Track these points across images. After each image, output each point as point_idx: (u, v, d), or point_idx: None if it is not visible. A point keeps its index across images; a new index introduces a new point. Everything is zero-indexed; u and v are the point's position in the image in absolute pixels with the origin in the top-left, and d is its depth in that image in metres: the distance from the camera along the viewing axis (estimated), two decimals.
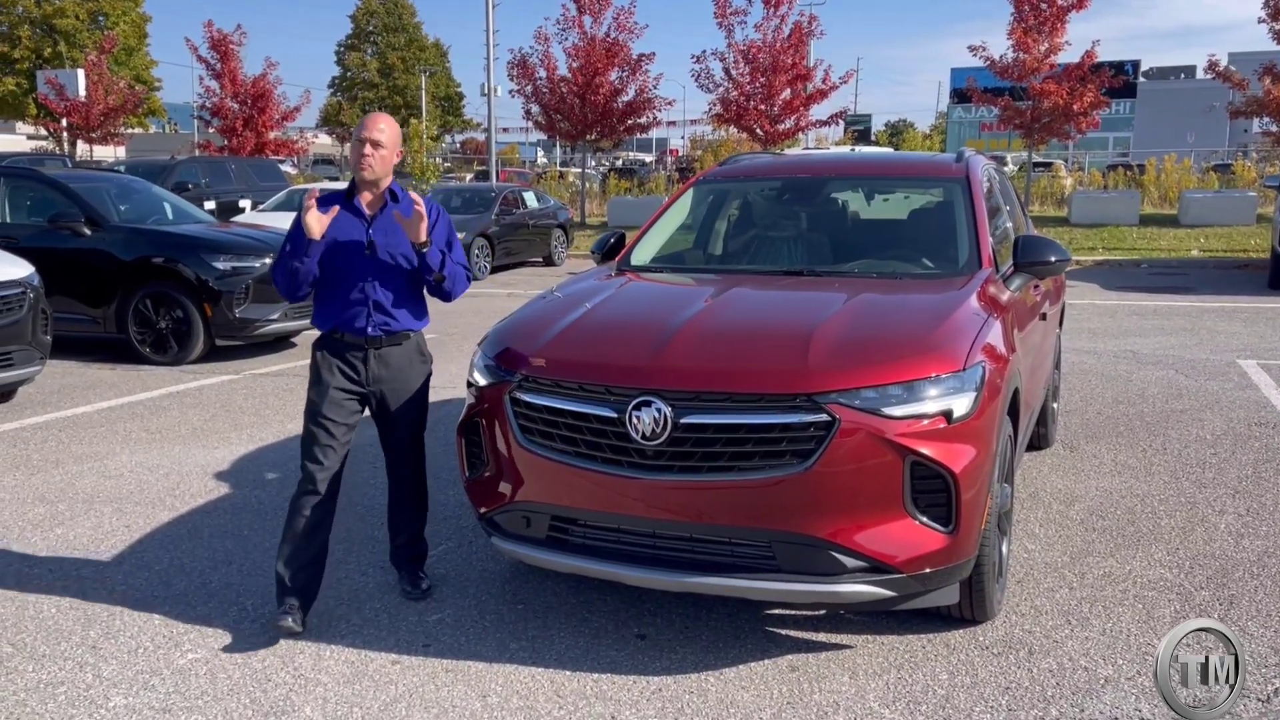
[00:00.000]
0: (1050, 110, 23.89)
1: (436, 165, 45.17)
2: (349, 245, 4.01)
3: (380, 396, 4.12)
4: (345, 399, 4.06)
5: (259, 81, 29.10)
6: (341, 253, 4.01)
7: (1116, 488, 5.77)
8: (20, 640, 3.92)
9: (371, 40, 72.41)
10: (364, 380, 4.08)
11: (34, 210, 10.26)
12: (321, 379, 4.07)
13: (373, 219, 4.06)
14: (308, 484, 4.00)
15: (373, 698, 3.49)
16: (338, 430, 4.04)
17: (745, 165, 5.87)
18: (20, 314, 7.52)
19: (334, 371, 4.06)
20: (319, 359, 4.12)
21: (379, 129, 3.99)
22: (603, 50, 25.80)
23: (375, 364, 4.07)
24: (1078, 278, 17.50)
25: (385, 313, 4.05)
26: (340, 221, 4.01)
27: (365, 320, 4.03)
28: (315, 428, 4.03)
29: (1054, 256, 4.66)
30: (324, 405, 4.03)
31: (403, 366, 4.13)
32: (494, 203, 19.07)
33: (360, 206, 4.07)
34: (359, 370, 4.06)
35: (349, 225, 4.03)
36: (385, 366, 4.09)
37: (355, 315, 4.03)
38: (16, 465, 6.30)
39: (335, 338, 4.08)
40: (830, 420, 3.39)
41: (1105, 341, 10.83)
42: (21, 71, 49.67)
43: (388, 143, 4.01)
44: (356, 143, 3.99)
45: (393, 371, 4.10)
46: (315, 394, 4.07)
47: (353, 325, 4.04)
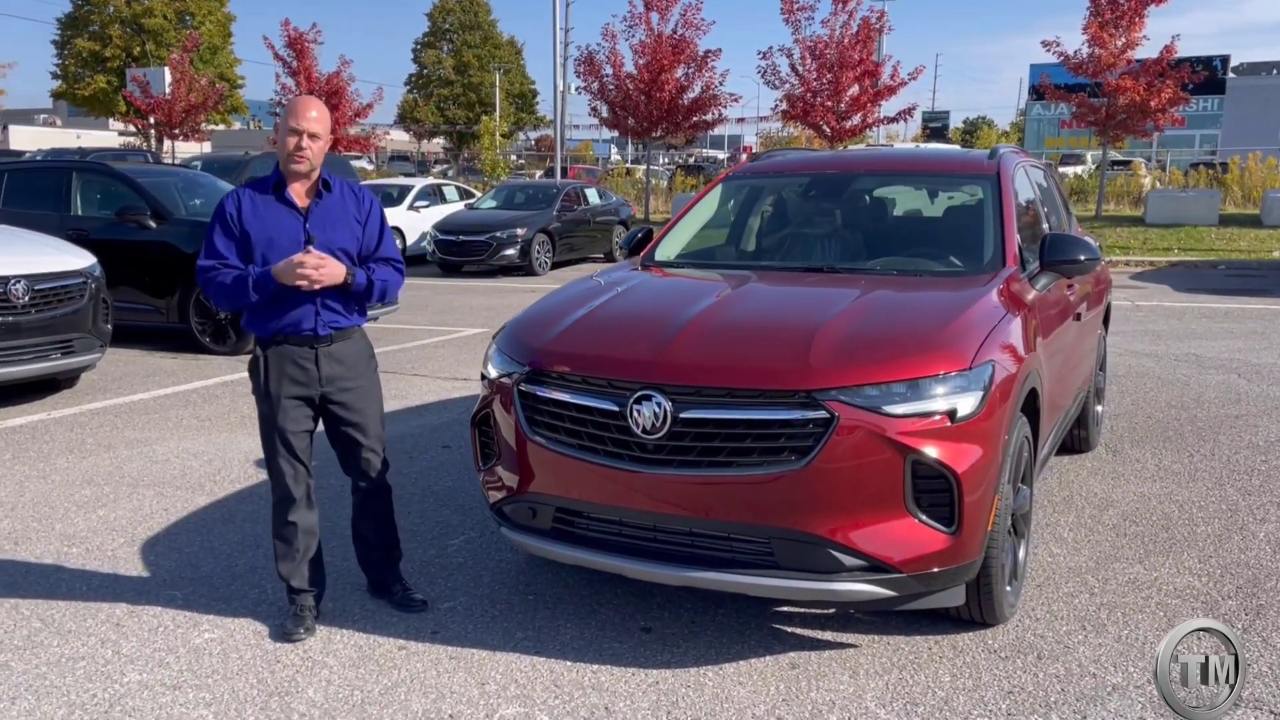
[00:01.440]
0: (1126, 107, 23.28)
1: (507, 162, 45.66)
2: (286, 243, 3.77)
3: (335, 397, 3.92)
4: (296, 406, 3.87)
5: (333, 79, 29.70)
6: (279, 251, 3.75)
7: (1155, 493, 5.63)
8: (50, 616, 4.07)
9: (448, 38, 73.31)
10: (318, 381, 3.87)
11: (104, 204, 10.60)
12: (269, 390, 3.86)
13: (307, 211, 3.84)
14: (281, 490, 3.92)
15: (374, 682, 3.56)
16: (297, 439, 3.89)
17: (775, 161, 5.85)
18: (81, 303, 7.79)
19: (283, 379, 3.85)
20: (263, 367, 3.88)
21: (312, 118, 3.77)
22: (669, 47, 25.81)
23: (326, 363, 3.87)
24: (1148, 279, 17.08)
25: (333, 310, 3.85)
26: (272, 217, 3.81)
27: (314, 320, 3.82)
28: (278, 440, 3.88)
29: (1083, 255, 4.56)
30: (279, 415, 3.86)
31: (356, 362, 3.96)
32: (555, 199, 19.23)
33: (292, 199, 3.83)
34: (309, 372, 3.86)
35: (283, 220, 3.80)
36: (338, 364, 3.90)
37: (302, 317, 3.81)
38: (71, 449, 6.53)
39: (280, 341, 3.85)
40: (829, 417, 3.37)
41: (1168, 344, 10.55)
42: (112, 70, 51.36)
43: (323, 132, 3.81)
44: (290, 133, 3.75)
45: (346, 368, 3.92)
46: (266, 406, 3.89)
47: (300, 328, 3.82)
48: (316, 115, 3.81)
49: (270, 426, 3.90)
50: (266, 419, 3.91)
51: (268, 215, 3.82)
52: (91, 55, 53.57)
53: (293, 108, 3.81)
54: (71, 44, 54.46)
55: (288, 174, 3.85)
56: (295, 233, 3.80)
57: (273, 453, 3.92)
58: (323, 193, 3.89)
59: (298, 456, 3.92)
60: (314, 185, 3.88)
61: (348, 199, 3.95)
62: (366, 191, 4.07)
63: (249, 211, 3.80)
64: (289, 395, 3.86)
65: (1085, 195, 28.89)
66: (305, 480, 3.96)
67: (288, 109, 3.82)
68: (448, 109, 69.74)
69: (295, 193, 3.85)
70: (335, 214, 3.90)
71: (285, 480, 3.92)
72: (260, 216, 3.81)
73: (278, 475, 3.94)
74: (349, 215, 3.93)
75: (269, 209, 3.82)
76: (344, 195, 3.95)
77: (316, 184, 3.89)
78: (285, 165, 3.82)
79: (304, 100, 3.85)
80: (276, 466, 3.93)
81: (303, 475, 3.95)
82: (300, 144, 3.76)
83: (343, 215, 3.92)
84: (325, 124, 3.84)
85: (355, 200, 3.97)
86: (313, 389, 3.89)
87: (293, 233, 3.80)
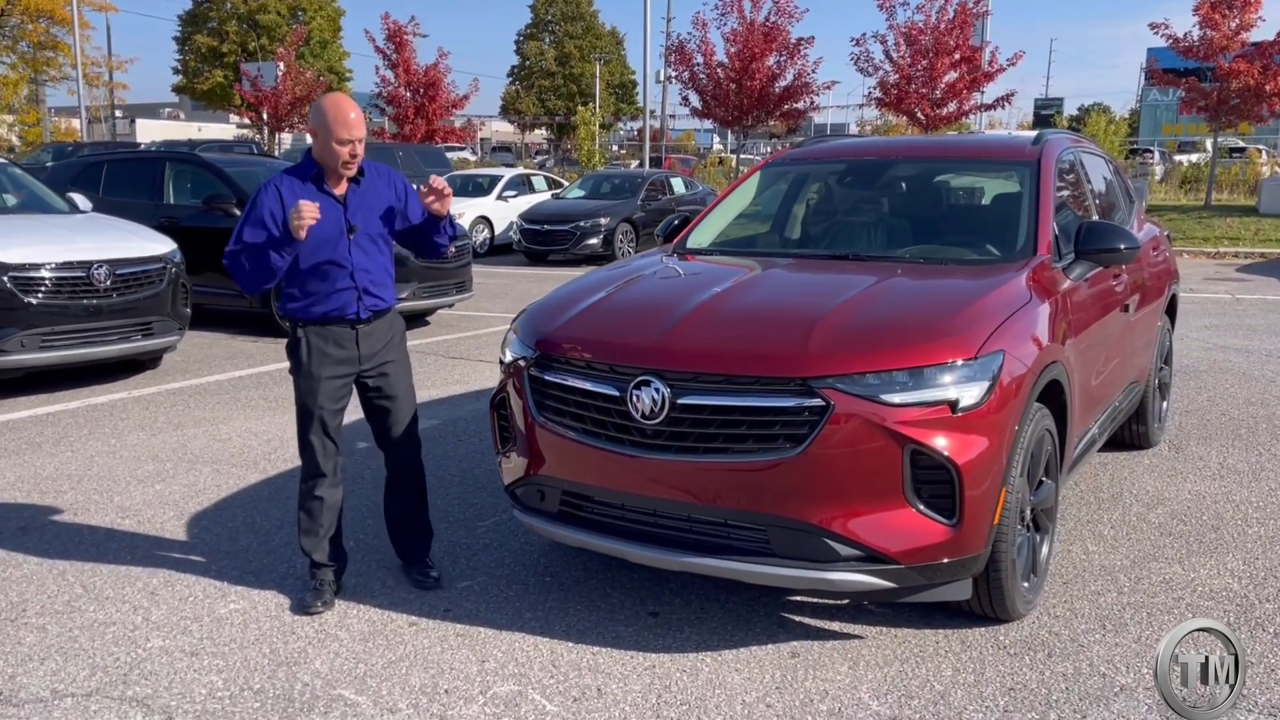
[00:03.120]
0: (1239, 92, 22.26)
1: (605, 151, 45.90)
2: (330, 232, 3.89)
3: (372, 374, 4.07)
4: (335, 385, 4.01)
5: (430, 71, 30.27)
6: (323, 241, 3.88)
7: (1211, 492, 5.42)
8: (92, 583, 4.29)
9: (549, 29, 74.07)
10: (357, 358, 4.01)
11: (194, 192, 11.03)
12: (311, 369, 3.98)
13: (346, 200, 3.95)
14: (311, 469, 4.06)
15: (380, 656, 3.67)
16: (330, 416, 4.03)
17: (815, 148, 5.78)
18: (160, 287, 8.13)
19: (324, 359, 3.97)
20: (305, 348, 3.98)
21: (355, 122, 3.85)
22: (761, 35, 25.62)
23: (365, 341, 4.01)
24: (1256, 272, 16.35)
25: (373, 295, 4.01)
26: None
27: (356, 305, 3.96)
28: (312, 418, 4.01)
29: (1123, 245, 4.40)
30: (317, 394, 3.98)
31: (392, 340, 4.12)
32: (640, 189, 19.32)
33: (330, 189, 3.94)
34: (350, 350, 3.99)
35: (326, 212, 3.85)
36: (376, 342, 4.05)
37: (346, 303, 3.95)
38: (142, 426, 6.84)
39: (321, 325, 3.98)
40: (824, 405, 3.34)
41: (1262, 339, 10.10)
42: (229, 65, 53.31)
43: (365, 135, 3.93)
44: (340, 143, 3.82)
45: (384, 344, 4.07)
46: (305, 384, 4.00)
47: (344, 313, 3.96)
48: (356, 118, 3.88)
49: (307, 404, 4.03)
50: (304, 397, 4.03)
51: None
52: (210, 51, 55.75)
53: (336, 116, 3.81)
54: (192, 40, 56.73)
55: (330, 174, 3.94)
56: (337, 222, 3.92)
57: (306, 429, 4.06)
58: (359, 179, 4.01)
59: (330, 434, 4.06)
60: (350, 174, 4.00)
61: (377, 182, 4.07)
62: (388, 169, 4.19)
63: (289, 201, 3.83)
64: (329, 375, 3.99)
65: (1198, 184, 27.73)
66: (334, 457, 4.10)
67: (329, 117, 3.82)
68: (548, 100, 70.47)
69: (333, 183, 3.97)
70: (371, 199, 4.03)
71: (316, 456, 4.06)
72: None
73: (309, 451, 4.08)
74: (383, 198, 4.06)
75: (309, 198, 3.86)
76: (374, 179, 4.06)
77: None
78: (333, 168, 3.90)
79: (341, 106, 3.87)
80: (308, 443, 4.07)
81: (332, 452, 4.08)
82: (354, 151, 3.86)
83: (378, 199, 4.05)
84: (364, 125, 3.92)
85: (386, 181, 4.10)
86: (352, 367, 4.03)
87: (334, 223, 3.91)
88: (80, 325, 7.62)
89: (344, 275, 3.94)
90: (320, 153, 3.91)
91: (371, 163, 4.12)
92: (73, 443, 6.41)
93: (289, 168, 4.10)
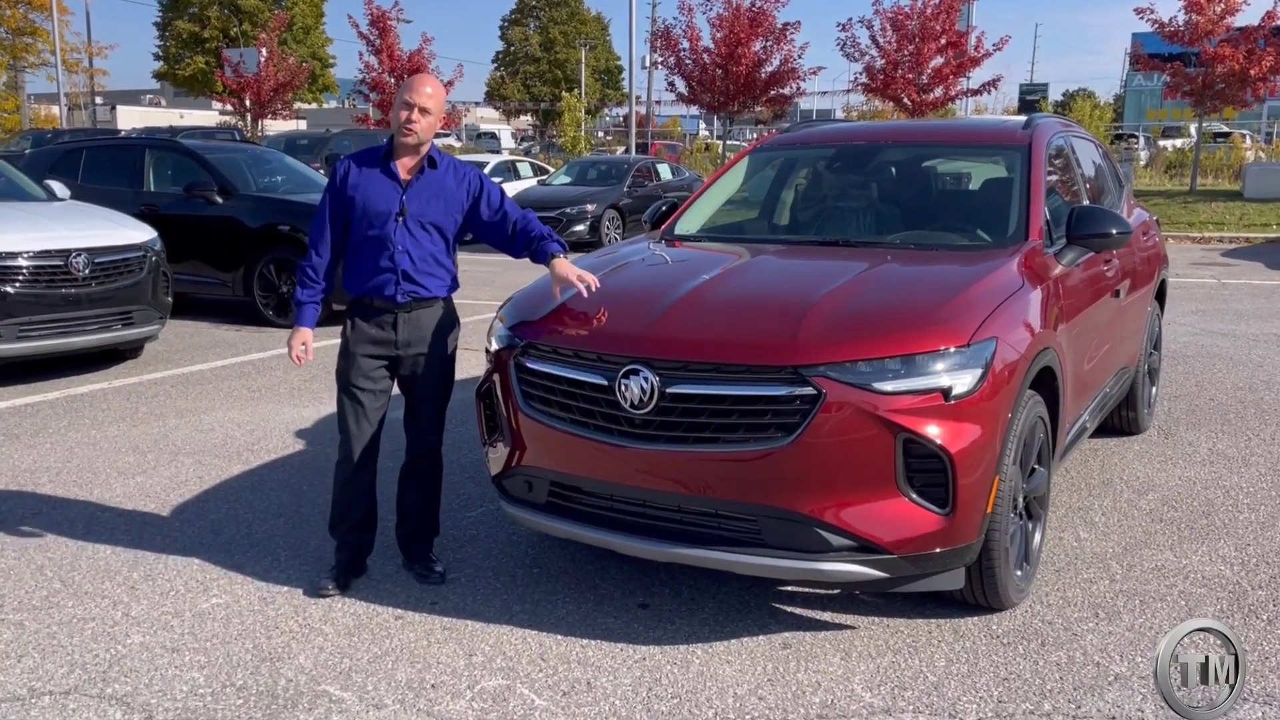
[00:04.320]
0: (1224, 76, 22.28)
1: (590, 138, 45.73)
2: (381, 211, 3.97)
3: (409, 360, 4.09)
4: (374, 367, 4.05)
5: (415, 56, 30.04)
6: (373, 219, 3.98)
7: (1202, 477, 5.40)
8: (71, 578, 4.21)
9: (534, 15, 73.68)
10: (395, 343, 4.03)
11: (174, 179, 10.88)
12: (350, 348, 4.05)
13: (408, 185, 4.01)
14: (345, 451, 4.08)
15: (365, 650, 3.61)
16: (368, 398, 4.05)
17: (804, 133, 5.72)
18: (140, 275, 8.02)
19: (362, 339, 4.03)
20: (348, 327, 4.08)
21: (426, 94, 3.95)
22: (747, 19, 25.49)
23: (405, 327, 4.03)
24: (1241, 256, 16.37)
25: (413, 281, 4.01)
26: (374, 185, 3.99)
27: (394, 288, 4.00)
28: (346, 397, 4.06)
29: (1113, 229, 4.36)
30: (352, 374, 4.03)
31: (434, 330, 4.09)
32: (627, 175, 19.23)
33: (396, 171, 4.01)
34: (389, 333, 4.03)
35: (383, 190, 3.99)
36: (416, 328, 4.05)
37: (384, 283, 4.00)
38: (124, 417, 6.75)
39: (365, 303, 4.05)
40: (816, 393, 3.29)
41: (1249, 324, 10.10)
42: (210, 51, 52.83)
43: (435, 109, 3.99)
44: (403, 105, 3.93)
45: (424, 333, 4.07)
46: (344, 363, 4.08)
47: (383, 292, 4.01)
48: (431, 91, 3.99)
49: (343, 382, 4.08)
50: (341, 375, 4.09)
51: (370, 182, 4.01)
52: (191, 36, 55.21)
53: (409, 83, 4.01)
54: (173, 25, 56.16)
55: (397, 146, 4.03)
56: (390, 202, 3.99)
57: (342, 409, 4.09)
58: (426, 168, 4.05)
59: (365, 416, 4.08)
60: (420, 160, 4.05)
61: (449, 175, 4.11)
62: (468, 167, 4.22)
63: (355, 177, 4.03)
64: (365, 354, 4.04)
65: (1183, 169, 27.79)
66: (368, 444, 4.10)
67: (405, 84, 4.01)
68: (534, 86, 70.15)
69: (401, 165, 4.04)
70: (434, 189, 4.06)
71: (350, 439, 4.08)
72: (363, 183, 4.01)
73: (344, 433, 4.11)
74: (447, 190, 4.09)
75: (371, 177, 4.02)
76: (447, 172, 4.11)
77: (423, 160, 4.05)
78: (396, 137, 4.01)
79: (421, 77, 4.07)
80: (344, 424, 4.10)
81: (367, 434, 4.09)
82: (410, 117, 3.93)
83: (441, 191, 4.08)
84: (439, 101, 4.03)
85: (456, 177, 4.13)
86: (389, 350, 4.05)
87: (387, 202, 3.99)
88: (59, 315, 7.50)
89: (385, 255, 3.98)
90: (393, 122, 4.03)
91: (452, 158, 4.17)
92: (52, 434, 6.32)
93: (367, 148, 4.19)
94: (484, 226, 4.18)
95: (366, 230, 4.00)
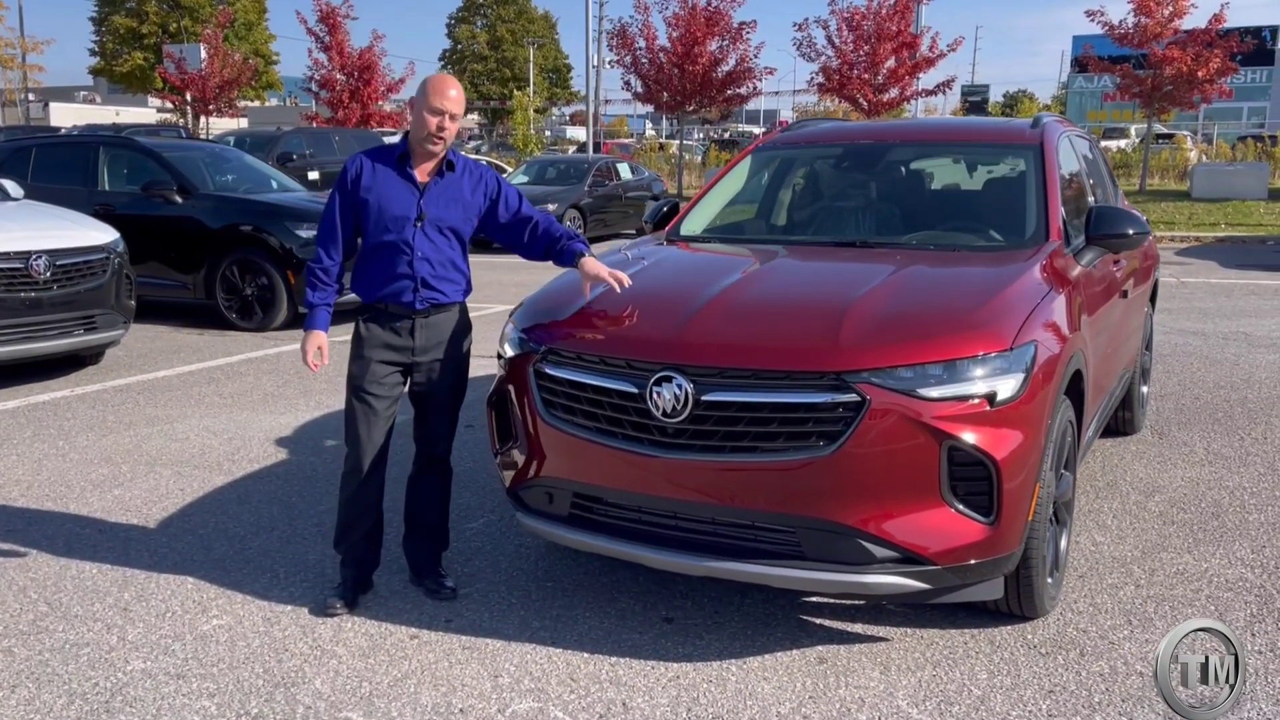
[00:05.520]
0: (1172, 78, 22.69)
1: (539, 137, 45.44)
2: (398, 216, 3.79)
3: (422, 366, 3.91)
4: (388, 372, 3.88)
5: (365, 54, 29.54)
6: (390, 223, 3.80)
7: (1204, 478, 5.39)
8: (57, 600, 3.98)
9: (481, 13, 73.15)
10: (411, 349, 3.86)
11: (130, 179, 10.52)
12: (363, 353, 3.88)
13: (425, 188, 3.83)
14: (354, 461, 3.90)
15: (384, 673, 3.43)
16: (380, 405, 3.88)
17: (807, 132, 5.61)
18: (103, 278, 7.71)
19: (377, 344, 3.86)
20: (362, 331, 3.90)
21: (452, 98, 3.75)
22: (703, 19, 25.43)
23: (422, 333, 3.86)
24: (1195, 255, 16.63)
25: (432, 288, 3.84)
26: (390, 188, 3.81)
27: (412, 295, 3.82)
28: (358, 402, 3.88)
29: (1131, 229, 4.32)
30: (365, 379, 3.86)
31: (450, 335, 3.92)
32: (587, 174, 19.05)
33: (413, 174, 3.84)
34: (405, 339, 3.85)
35: (400, 194, 3.81)
36: (434, 334, 3.88)
37: (402, 289, 3.82)
38: (92, 426, 6.46)
39: (380, 309, 3.87)
40: (860, 400, 3.18)
41: (1216, 322, 10.21)
42: (149, 47, 51.67)
43: (461, 113, 3.80)
44: (433, 113, 3.71)
45: (440, 339, 3.90)
46: (357, 368, 3.89)
47: (400, 299, 3.83)
48: (456, 95, 3.79)
49: (355, 388, 3.89)
50: (353, 380, 3.91)
51: (385, 185, 3.82)
52: (129, 32, 53.98)
53: (434, 86, 3.76)
54: (109, 20, 54.85)
55: (419, 151, 3.83)
56: (408, 207, 3.81)
57: (352, 417, 3.91)
58: (444, 171, 3.88)
59: (377, 423, 3.89)
60: (438, 164, 3.87)
61: (465, 178, 3.94)
62: (485, 168, 4.05)
63: (368, 178, 3.83)
64: (380, 359, 3.86)
65: (1129, 169, 28.30)
66: (378, 453, 3.92)
67: (428, 87, 3.77)
68: (481, 85, 69.63)
69: (418, 168, 3.86)
70: (452, 193, 3.89)
71: (360, 447, 3.89)
72: (378, 185, 3.83)
73: (354, 442, 3.91)
74: (464, 194, 3.92)
75: (387, 179, 3.83)
76: (464, 174, 3.93)
77: (441, 163, 3.87)
78: (421, 143, 3.80)
79: (444, 79, 3.84)
80: (354, 432, 3.91)
81: (378, 442, 3.91)
82: (442, 124, 3.74)
83: (458, 194, 3.92)
84: (463, 104, 3.83)
85: (473, 180, 3.95)
86: (405, 356, 3.88)
87: (405, 206, 3.81)
88: (18, 319, 7.16)
89: (404, 261, 3.81)
90: (413, 126, 3.81)
91: (467, 159, 3.99)
92: (16, 445, 6.02)
93: (380, 147, 3.97)
94: (501, 229, 4.01)
95: (382, 235, 3.81)
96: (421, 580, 4.06)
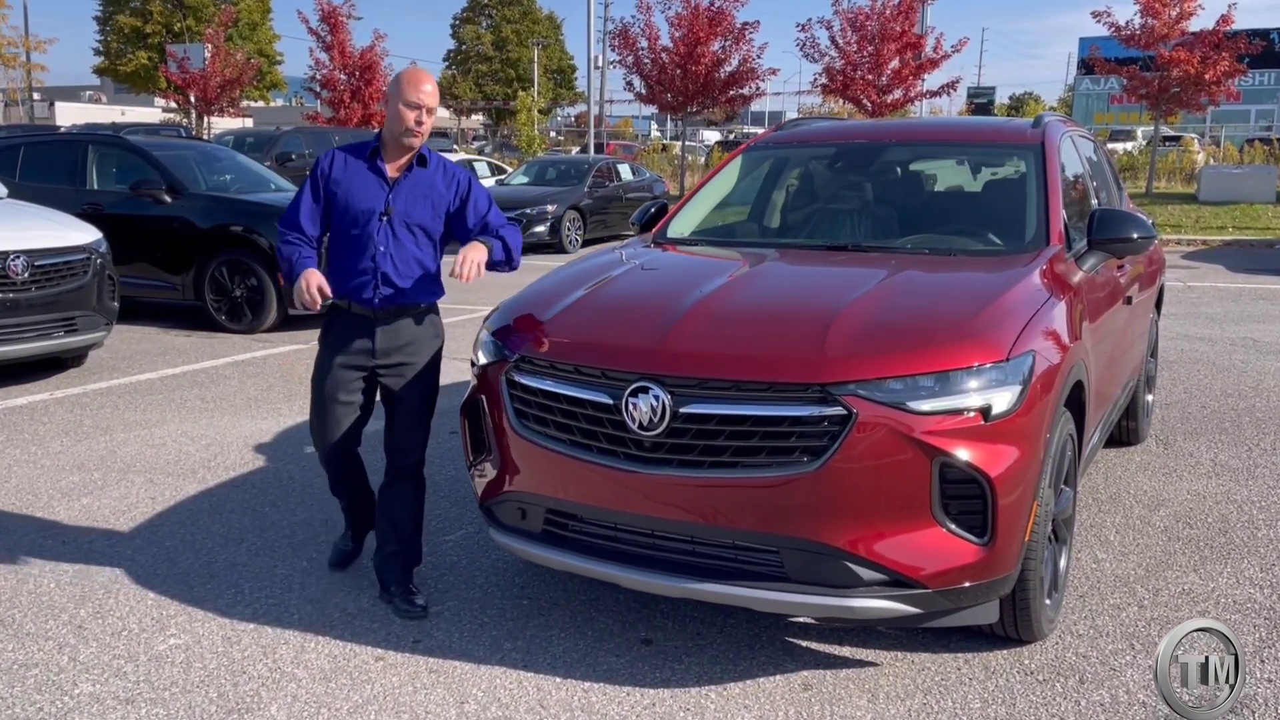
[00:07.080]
0: (1180, 80, 22.45)
1: (544, 138, 45.31)
2: (364, 210, 3.72)
3: (385, 372, 3.81)
4: (353, 378, 3.80)
5: (366, 54, 29.34)
6: (355, 217, 3.72)
7: (1211, 491, 5.19)
8: (10, 616, 3.80)
9: (486, 13, 73.01)
10: (371, 351, 3.77)
11: (119, 178, 10.35)
12: (325, 353, 3.85)
13: (395, 183, 3.75)
14: (321, 455, 4.00)
15: (344, 698, 3.25)
16: (339, 409, 3.82)
17: (800, 131, 5.42)
18: (85, 279, 7.54)
19: (339, 348, 3.80)
20: (325, 333, 3.88)
21: (428, 91, 3.69)
22: (706, 19, 25.20)
23: (382, 336, 3.76)
24: (1201, 259, 16.42)
25: (392, 285, 3.73)
26: (359, 182, 3.74)
27: (372, 292, 3.72)
28: (317, 402, 3.87)
29: (1136, 233, 4.13)
30: (325, 380, 3.83)
31: (413, 340, 3.81)
32: (587, 175, 18.86)
33: (383, 168, 3.76)
34: (364, 342, 3.76)
35: (368, 187, 3.73)
36: (395, 338, 3.78)
37: (363, 285, 3.73)
38: (67, 431, 6.29)
39: (343, 307, 3.78)
40: (846, 414, 3.00)
41: (1223, 328, 10.01)
42: (153, 46, 51.57)
43: (436, 107, 3.76)
44: (408, 107, 3.64)
45: (402, 344, 3.79)
46: (318, 369, 3.88)
47: (360, 295, 3.74)
48: (431, 89, 3.74)
49: (315, 387, 3.89)
50: (314, 379, 3.90)
51: (353, 179, 3.76)
52: (133, 31, 53.86)
53: (410, 80, 3.70)
54: (113, 20, 54.75)
55: (393, 147, 3.77)
56: (375, 201, 3.73)
57: (313, 416, 3.93)
58: (414, 167, 3.79)
59: (336, 423, 3.85)
60: (409, 159, 3.79)
61: (438, 176, 3.82)
62: (458, 168, 3.92)
63: (338, 172, 3.77)
64: (340, 363, 3.81)
65: (1135, 172, 28.05)
66: (343, 452, 3.94)
67: (403, 81, 3.70)
68: (486, 85, 69.50)
69: (390, 163, 3.79)
70: (423, 189, 3.79)
71: (323, 446, 3.94)
72: (347, 179, 3.76)
73: (317, 443, 3.97)
74: (436, 192, 3.82)
75: (357, 173, 3.77)
76: (437, 171, 3.83)
77: (412, 158, 3.79)
78: (397, 138, 3.72)
79: (418, 73, 3.77)
80: (316, 433, 3.94)
81: (339, 444, 3.90)
82: (420, 118, 3.68)
83: (429, 191, 3.81)
84: (438, 98, 3.79)
85: (445, 178, 3.84)
86: (365, 359, 3.80)
87: (373, 201, 3.73)
88: None
89: (366, 256, 3.72)
90: (389, 121, 3.74)
91: (442, 158, 3.88)
92: None
93: (354, 142, 3.90)
94: (465, 235, 3.84)
95: (349, 229, 3.74)
96: (390, 597, 3.89)
